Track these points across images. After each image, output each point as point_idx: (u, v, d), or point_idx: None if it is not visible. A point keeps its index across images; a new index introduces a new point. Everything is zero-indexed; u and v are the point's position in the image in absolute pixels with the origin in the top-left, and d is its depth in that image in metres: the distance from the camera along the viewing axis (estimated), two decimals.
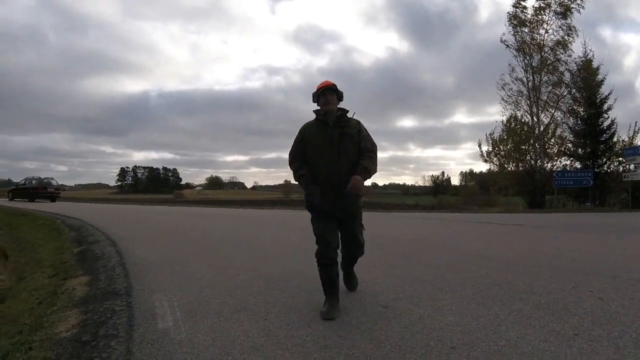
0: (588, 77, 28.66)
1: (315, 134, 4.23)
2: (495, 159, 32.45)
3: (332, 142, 4.13)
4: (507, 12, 31.13)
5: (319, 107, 4.33)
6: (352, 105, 4.50)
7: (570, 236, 10.50)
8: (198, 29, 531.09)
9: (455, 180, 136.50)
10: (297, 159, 4.32)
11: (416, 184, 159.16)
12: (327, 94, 4.24)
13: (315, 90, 4.35)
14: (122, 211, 23.28)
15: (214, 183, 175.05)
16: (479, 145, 32.89)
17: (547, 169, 30.03)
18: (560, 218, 16.79)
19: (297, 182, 4.39)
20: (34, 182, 38.21)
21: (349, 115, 4.36)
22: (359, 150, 4.20)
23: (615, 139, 27.88)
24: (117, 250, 8.19)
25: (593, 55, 29.17)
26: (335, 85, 4.31)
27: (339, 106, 4.32)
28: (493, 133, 32.29)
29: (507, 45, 30.94)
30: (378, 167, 4.30)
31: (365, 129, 4.33)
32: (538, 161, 30.39)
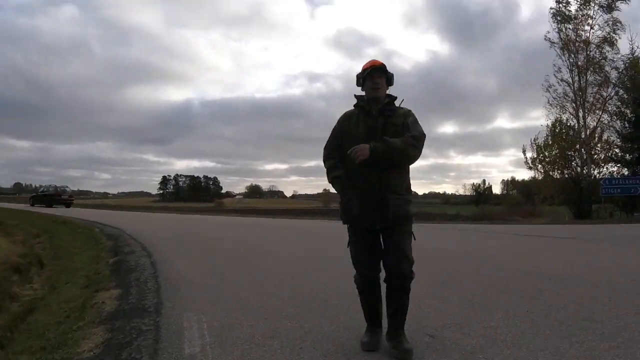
0: (636, 75, 27.55)
1: (355, 125, 3.51)
2: (539, 166, 31.35)
3: (373, 135, 3.38)
4: (550, 8, 30.17)
5: (363, 93, 3.60)
6: None
7: (625, 251, 9.82)
8: (239, 36, 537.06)
9: (497, 189, 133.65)
10: (333, 155, 3.61)
11: (457, 193, 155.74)
12: (374, 75, 3.49)
13: (360, 71, 3.60)
14: (161, 220, 23.39)
15: (254, 192, 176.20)
16: (523, 152, 31.74)
17: (593, 176, 28.87)
18: (610, 230, 15.98)
19: (332, 186, 3.64)
20: (50, 189, 43.71)
21: (397, 102, 3.60)
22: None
23: None
24: (152, 262, 8.05)
25: None
26: (384, 66, 3.53)
27: (387, 92, 3.58)
28: (537, 138, 31.24)
29: (552, 43, 29.88)
30: (418, 175, 3.67)
31: (414, 116, 3.53)
32: (584, 168, 29.25)
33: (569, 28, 29.45)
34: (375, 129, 3.42)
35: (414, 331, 3.74)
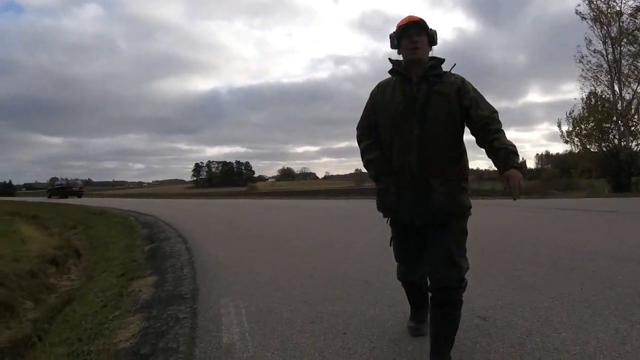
0: None
1: (390, 95, 2.80)
2: (576, 139, 30.56)
3: (413, 107, 2.68)
4: None
5: (400, 57, 2.84)
6: None
7: None
8: (262, 24, 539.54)
9: (531, 164, 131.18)
10: (367, 134, 2.96)
11: (490, 169, 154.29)
12: (412, 33, 2.71)
13: (394, 30, 2.83)
14: (195, 206, 23.44)
15: (286, 174, 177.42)
16: (559, 125, 30.79)
17: (632, 148, 27.97)
18: None
19: (366, 170, 3.00)
20: (63, 183, 49.35)
21: (446, 67, 2.81)
22: (469, 120, 2.68)
23: None
24: (187, 248, 7.96)
25: None
26: (424, 21, 2.75)
27: (430, 55, 2.81)
28: (573, 111, 30.38)
29: (583, 17, 28.65)
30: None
31: (474, 88, 2.73)
32: (622, 140, 28.33)
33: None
34: (416, 99, 2.67)
35: (464, 313, 3.44)
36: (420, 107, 2.66)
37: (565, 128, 30.95)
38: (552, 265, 5.32)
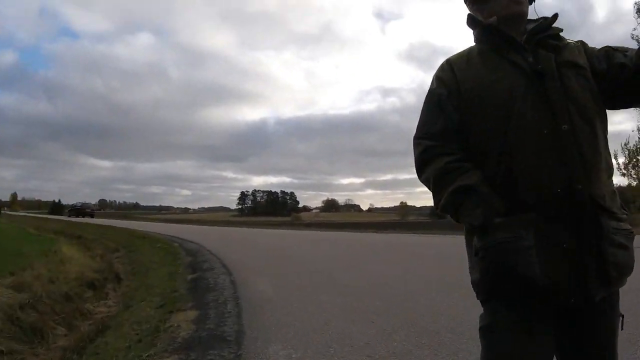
0: None
1: (486, 70, 1.63)
2: (633, 171, 28.92)
3: (539, 84, 1.54)
4: (635, 3, 27.17)
5: (486, 17, 1.69)
6: None
7: None
8: (310, 55, 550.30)
9: None
10: (446, 145, 1.63)
11: None
12: None
13: None
14: (240, 235, 23.13)
15: (330, 205, 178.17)
16: (615, 158, 29.64)
17: None
18: None
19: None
20: (78, 205, 67.23)
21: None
22: (622, 71, 1.59)
23: None
24: (232, 281, 7.46)
25: None
26: None
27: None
28: (628, 142, 28.57)
29: (638, 41, 27.46)
30: None
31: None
32: None
33: None
34: (542, 72, 1.55)
35: None
36: (554, 82, 1.54)
37: (621, 160, 29.33)
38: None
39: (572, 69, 1.59)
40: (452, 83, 1.67)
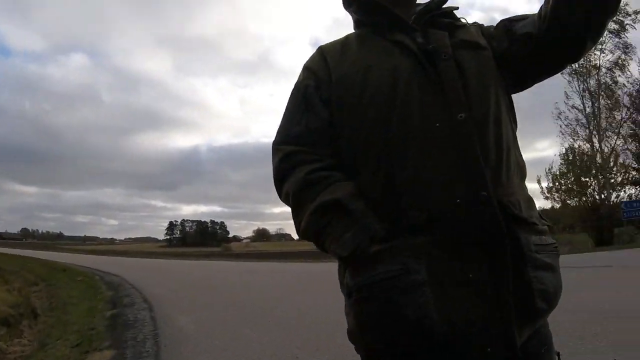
0: None
1: (365, 53, 1.30)
2: (556, 194, 30.43)
3: (430, 64, 1.21)
4: None
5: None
6: None
7: None
8: (246, 83, 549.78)
9: None
10: (311, 150, 1.27)
11: None
12: None
13: None
14: (166, 267, 22.59)
15: (261, 235, 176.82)
16: (538, 182, 31.16)
17: (612, 200, 28.02)
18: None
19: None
20: None
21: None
22: (525, 36, 1.29)
23: None
24: (152, 317, 7.28)
25: None
26: None
27: None
28: (552, 167, 30.38)
29: (561, 72, 29.11)
30: None
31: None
32: (602, 193, 28.45)
33: None
34: (434, 51, 1.23)
35: None
36: (450, 67, 1.22)
37: (545, 184, 30.99)
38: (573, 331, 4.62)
39: (469, 49, 1.29)
40: (323, 73, 1.33)
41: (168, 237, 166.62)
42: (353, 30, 1.44)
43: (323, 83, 1.31)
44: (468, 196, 1.09)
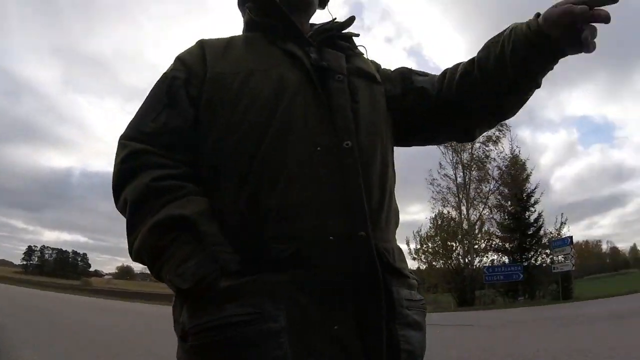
0: (516, 173, 29.37)
1: (250, 56, 1.14)
2: (423, 256, 32.18)
3: (321, 81, 1.08)
4: None
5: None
6: None
7: (543, 332, 9.18)
8: (135, 109, 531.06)
9: None
10: (163, 146, 1.04)
11: None
12: None
13: None
14: (17, 295, 20.76)
15: (125, 272, 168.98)
16: (407, 243, 32.92)
17: (475, 265, 30.10)
18: (502, 315, 15.87)
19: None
20: None
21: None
22: (425, 94, 1.23)
23: (542, 232, 28.20)
24: None
25: (519, 152, 30.19)
26: None
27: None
28: (420, 230, 32.27)
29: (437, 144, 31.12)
30: None
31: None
32: (467, 257, 30.45)
33: None
34: (328, 69, 1.11)
35: None
36: (342, 89, 1.11)
37: (412, 246, 32.59)
38: None
39: (365, 79, 1.19)
40: (198, 67, 1.12)
41: (25, 262, 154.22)
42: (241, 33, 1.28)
43: (195, 78, 1.10)
44: (343, 234, 0.95)
